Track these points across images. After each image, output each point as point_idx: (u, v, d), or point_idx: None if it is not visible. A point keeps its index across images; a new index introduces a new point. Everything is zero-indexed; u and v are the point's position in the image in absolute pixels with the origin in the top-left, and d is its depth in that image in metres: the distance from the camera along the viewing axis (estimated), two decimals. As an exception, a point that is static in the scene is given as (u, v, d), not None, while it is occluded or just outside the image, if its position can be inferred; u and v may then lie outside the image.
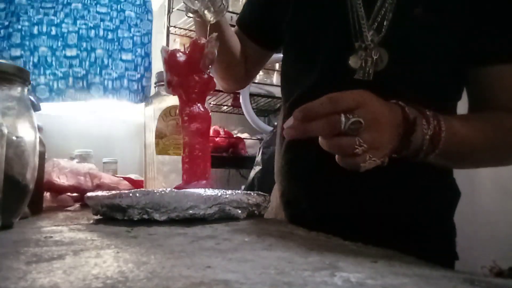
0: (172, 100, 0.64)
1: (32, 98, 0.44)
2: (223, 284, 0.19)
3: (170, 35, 1.93)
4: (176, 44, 2.10)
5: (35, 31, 1.86)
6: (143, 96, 2.07)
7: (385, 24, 0.55)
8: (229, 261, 0.24)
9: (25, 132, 0.39)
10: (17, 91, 0.39)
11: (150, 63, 2.14)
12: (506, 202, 1.70)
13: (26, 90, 0.41)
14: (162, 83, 0.65)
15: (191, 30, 2.14)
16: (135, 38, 2.10)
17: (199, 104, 0.55)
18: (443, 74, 0.57)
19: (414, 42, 0.55)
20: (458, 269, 0.23)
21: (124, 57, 2.07)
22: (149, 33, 2.19)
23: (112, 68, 2.02)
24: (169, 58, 0.54)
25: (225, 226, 0.41)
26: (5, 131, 0.34)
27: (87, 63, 1.97)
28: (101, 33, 2.02)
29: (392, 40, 0.55)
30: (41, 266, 0.22)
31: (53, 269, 0.22)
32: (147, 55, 2.15)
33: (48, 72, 1.90)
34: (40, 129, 0.43)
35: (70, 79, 1.93)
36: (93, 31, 2.00)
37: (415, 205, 0.58)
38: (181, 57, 0.55)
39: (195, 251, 0.27)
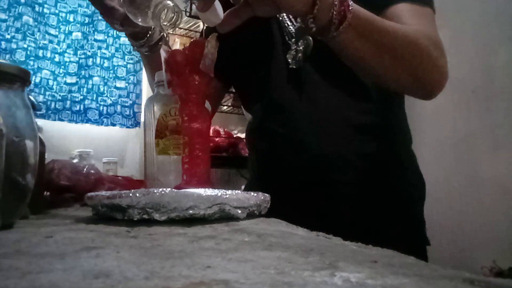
0: (172, 100, 0.64)
1: (32, 98, 0.44)
2: (223, 284, 0.19)
3: (170, 35, 1.93)
4: (176, 44, 2.10)
5: (40, 54, 1.97)
6: (135, 121, 2.16)
7: None
8: (229, 261, 0.24)
9: (25, 132, 0.39)
10: (17, 91, 0.39)
11: (141, 90, 2.26)
12: (506, 202, 1.70)
13: (26, 90, 0.41)
14: (162, 83, 0.65)
15: (191, 30, 2.15)
16: (128, 66, 2.22)
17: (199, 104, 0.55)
18: None
19: None
20: (458, 269, 0.23)
21: (118, 84, 2.19)
22: (141, 61, 2.26)
23: (107, 96, 2.16)
24: (169, 58, 0.54)
25: (225, 226, 0.41)
26: (5, 131, 0.34)
27: (85, 89, 2.13)
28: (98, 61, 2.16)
29: None
30: (41, 266, 0.22)
31: (53, 269, 0.22)
32: (139, 82, 2.27)
33: (47, 93, 2.04)
34: (40, 129, 0.43)
35: (68, 102, 2.06)
36: (91, 60, 2.15)
37: (386, 193, 0.66)
38: (181, 57, 0.55)
39: (195, 251, 0.27)
